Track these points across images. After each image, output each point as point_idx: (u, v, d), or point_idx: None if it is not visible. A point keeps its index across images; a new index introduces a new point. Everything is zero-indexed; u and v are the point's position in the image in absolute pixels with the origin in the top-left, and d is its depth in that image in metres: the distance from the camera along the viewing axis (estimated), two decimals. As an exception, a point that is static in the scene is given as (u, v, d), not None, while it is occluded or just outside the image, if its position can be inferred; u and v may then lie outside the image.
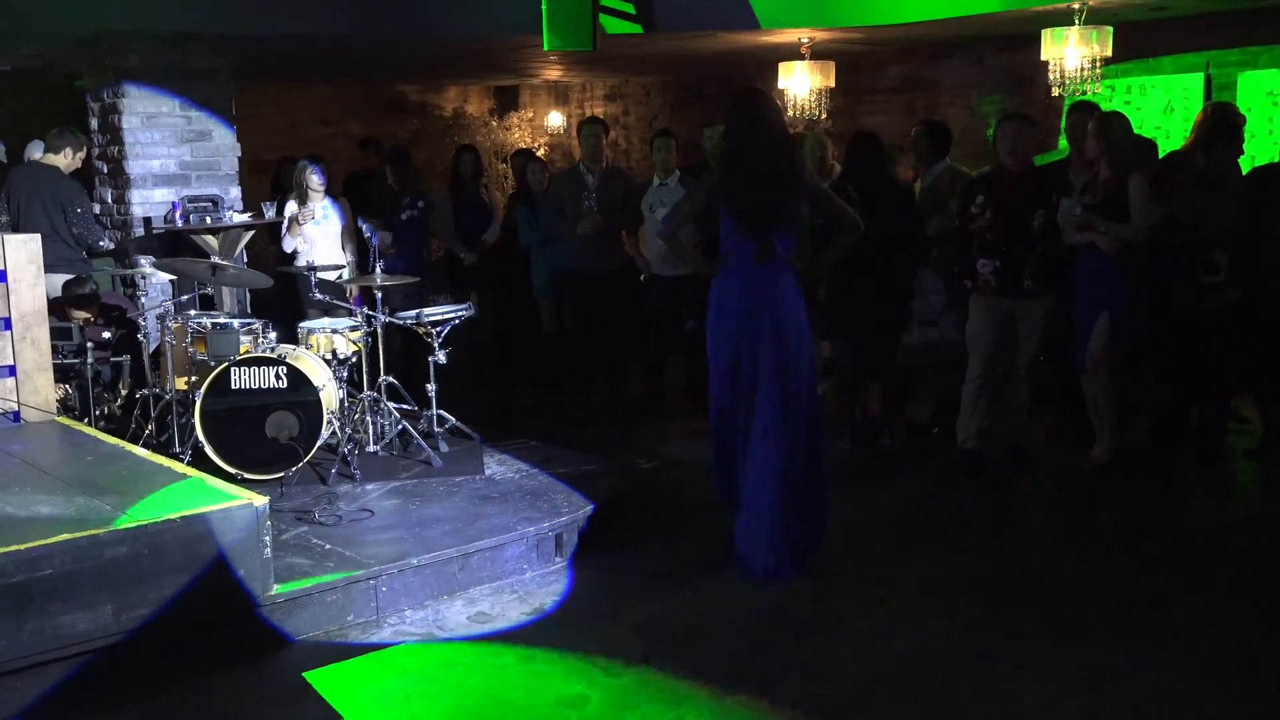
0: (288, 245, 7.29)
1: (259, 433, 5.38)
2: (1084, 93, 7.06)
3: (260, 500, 4.09)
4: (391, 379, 6.03)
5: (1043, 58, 7.21)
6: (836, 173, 6.92)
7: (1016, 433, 6.19)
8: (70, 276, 6.60)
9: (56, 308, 6.40)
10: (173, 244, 7.11)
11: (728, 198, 4.75)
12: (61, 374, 5.88)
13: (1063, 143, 7.49)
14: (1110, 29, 7.08)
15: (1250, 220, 5.73)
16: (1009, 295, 5.90)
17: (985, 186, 5.95)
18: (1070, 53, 7.07)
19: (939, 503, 5.62)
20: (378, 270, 5.98)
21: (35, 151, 7.65)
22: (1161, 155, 6.48)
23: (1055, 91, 7.27)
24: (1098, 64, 7.09)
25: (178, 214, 7.02)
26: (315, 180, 7.24)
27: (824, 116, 8.67)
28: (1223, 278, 5.68)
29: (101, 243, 7.09)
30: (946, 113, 9.32)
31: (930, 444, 6.57)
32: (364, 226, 6.41)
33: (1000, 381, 6.08)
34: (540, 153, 12.57)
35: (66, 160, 7.15)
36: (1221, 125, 5.81)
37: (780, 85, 8.61)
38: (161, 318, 5.95)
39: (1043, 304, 5.93)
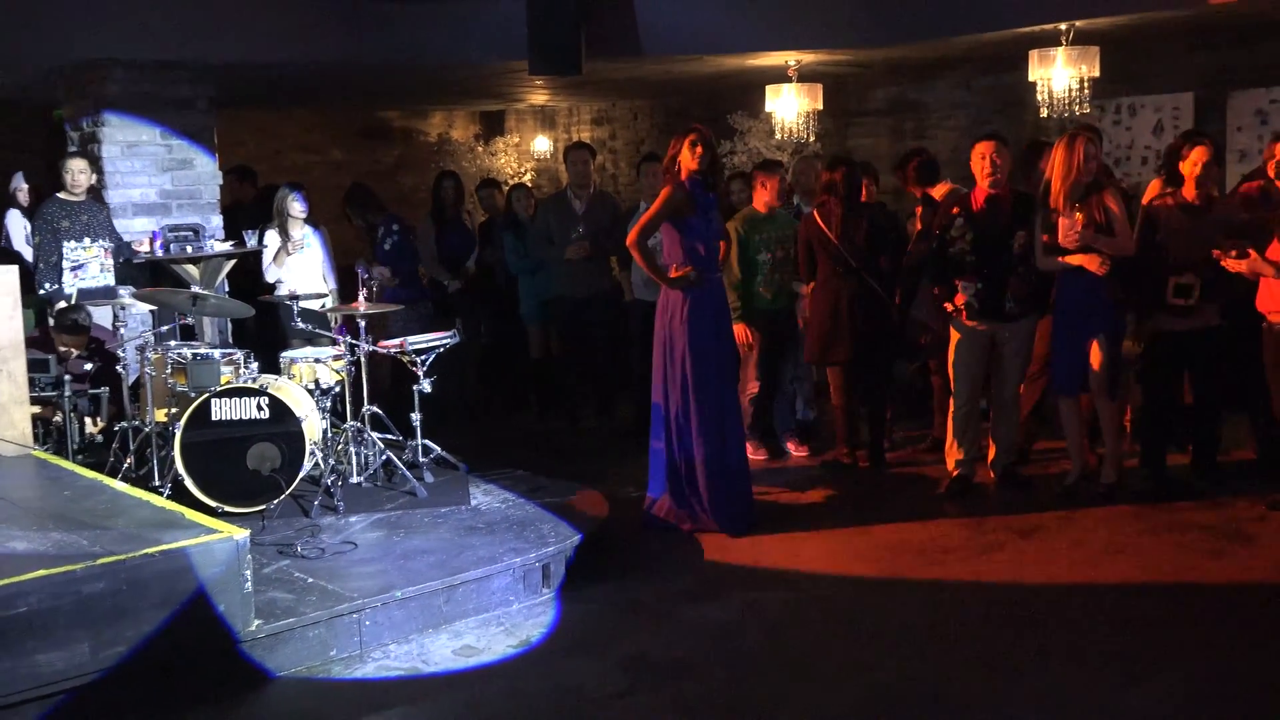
0: (271, 275, 7.30)
1: (240, 465, 5.37)
2: (1072, 114, 7.12)
3: (241, 534, 4.08)
4: (375, 409, 6.03)
5: (1030, 79, 7.28)
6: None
7: (1009, 454, 6.22)
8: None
9: (44, 336, 6.41)
10: (153, 274, 7.12)
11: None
12: (39, 406, 5.86)
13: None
14: (1097, 49, 7.15)
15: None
16: (991, 319, 5.94)
17: (964, 210, 6.00)
18: (1058, 74, 7.14)
19: (929, 530, 5.62)
20: (360, 299, 5.99)
21: (19, 183, 7.67)
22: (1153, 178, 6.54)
23: (1044, 112, 7.33)
24: (1086, 85, 7.16)
25: (157, 244, 7.02)
26: (297, 207, 7.26)
27: (812, 139, 8.73)
28: (1195, 300, 5.71)
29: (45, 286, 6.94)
30: (935, 134, 9.40)
31: (924, 470, 6.58)
32: (358, 270, 6.43)
33: (988, 406, 6.10)
34: (526, 178, 12.61)
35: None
36: (1175, 157, 5.86)
37: (768, 108, 8.67)
38: (141, 349, 5.94)
39: (1026, 326, 5.96)
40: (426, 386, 5.97)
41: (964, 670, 4.03)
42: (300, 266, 7.30)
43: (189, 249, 7.08)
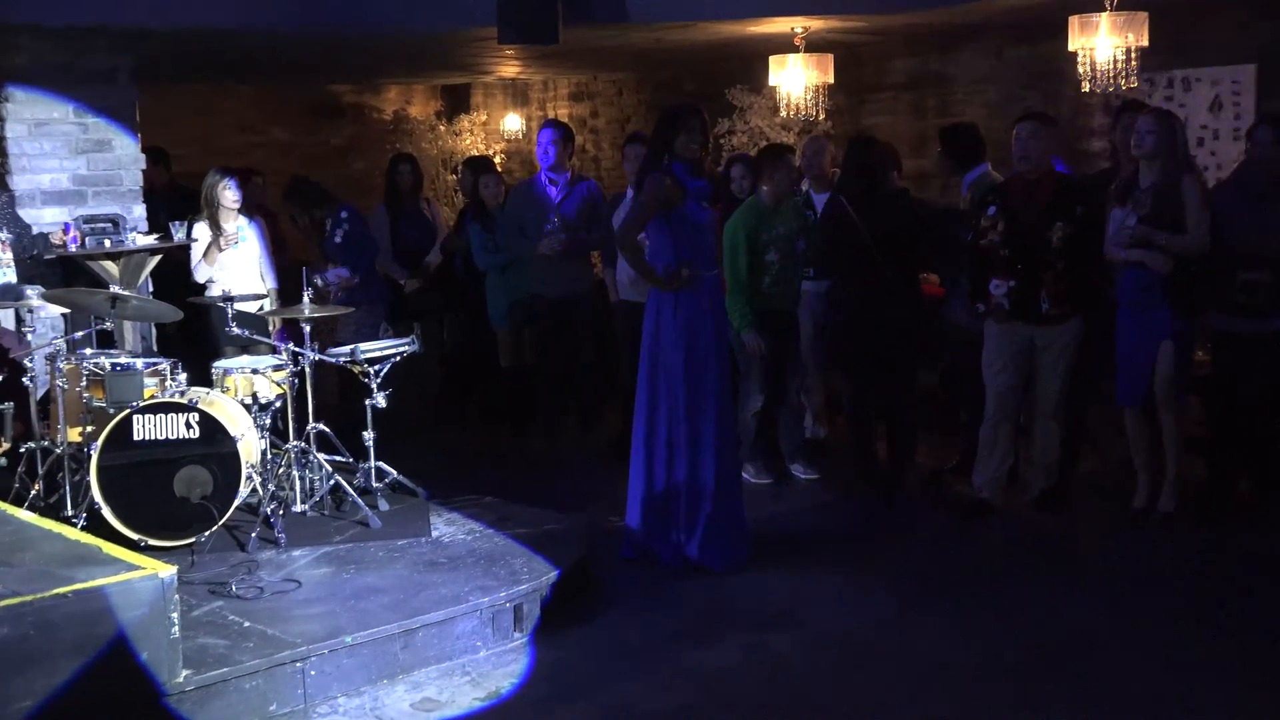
0: (201, 274, 7.28)
1: (166, 491, 5.35)
2: (1117, 88, 7.15)
3: (167, 571, 4.07)
4: (322, 426, 6.02)
5: (1070, 48, 7.30)
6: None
7: (1048, 477, 6.24)
8: None
9: None
10: (66, 272, 7.09)
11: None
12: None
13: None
14: (1145, 16, 7.18)
15: None
16: (1027, 320, 5.96)
17: (998, 197, 6.03)
18: (1102, 43, 7.16)
19: (954, 560, 5.64)
20: (305, 299, 5.99)
21: None
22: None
23: (1085, 86, 7.36)
24: (1133, 55, 7.19)
25: (70, 237, 7.00)
26: (231, 196, 7.24)
27: (822, 117, 8.76)
28: (1261, 300, 5.74)
29: None
30: (961, 112, 9.42)
31: (948, 494, 6.60)
32: (314, 277, 6.42)
33: (1022, 420, 6.12)
34: (496, 161, 12.62)
35: None
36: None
37: (771, 82, 8.69)
38: (51, 358, 5.92)
39: (1067, 330, 5.98)
40: (381, 401, 5.96)
41: (992, 716, 4.04)
42: (235, 263, 7.29)
43: (107, 243, 7.04)
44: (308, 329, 6.04)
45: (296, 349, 6.02)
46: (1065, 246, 5.89)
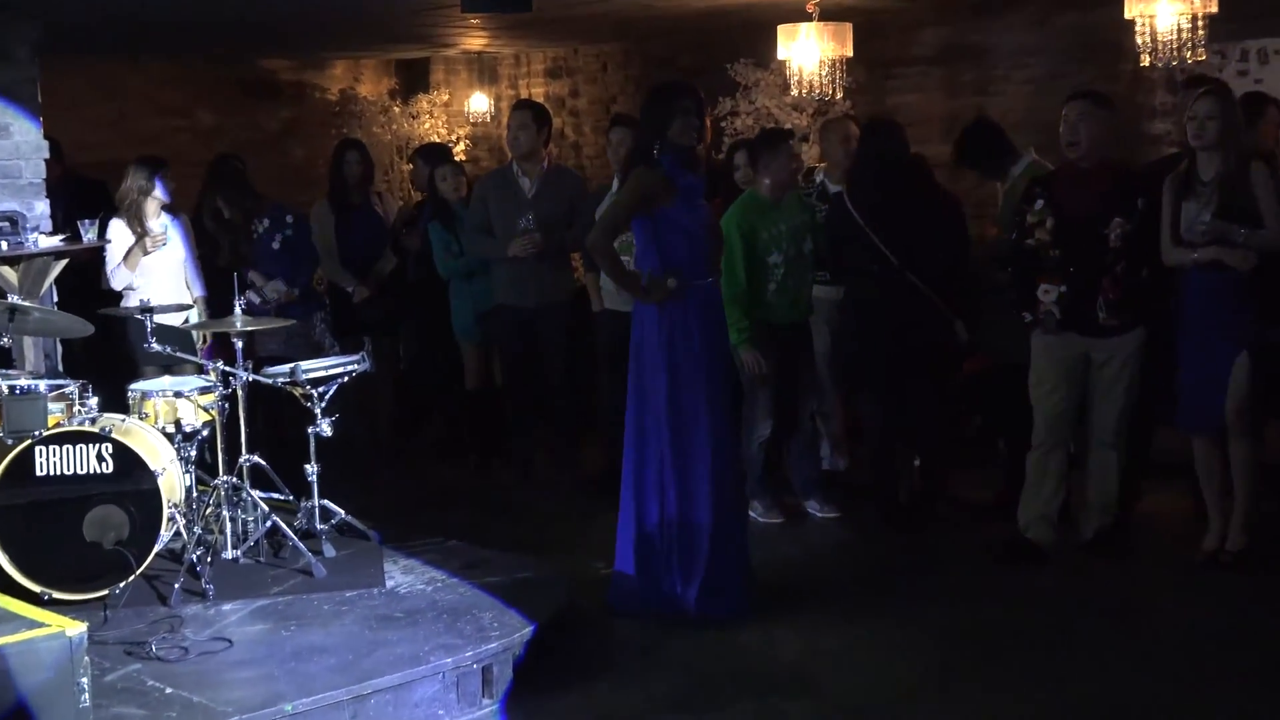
0: (118, 281, 7.27)
1: (75, 536, 5.33)
2: (1182, 62, 7.18)
3: (76, 629, 4.05)
4: (257, 459, 6.01)
5: (1127, 16, 7.34)
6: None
7: (1105, 514, 6.25)
8: None
9: None
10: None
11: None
12: None
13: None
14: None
15: None
16: (1080, 331, 5.99)
17: (1046, 188, 6.05)
18: (1163, 10, 7.20)
19: (992, 614, 5.64)
20: (237, 310, 5.99)
21: None
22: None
23: (1145, 60, 7.40)
24: (1201, 24, 7.22)
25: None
26: (154, 190, 7.26)
27: (839, 96, 8.79)
28: None
29: None
30: (1001, 89, 9.47)
31: (988, 536, 6.61)
32: (251, 285, 6.42)
33: (1074, 449, 6.13)
34: (460, 149, 12.63)
35: None
36: None
37: (780, 55, 8.72)
38: (-60, 380, 5.91)
39: (1128, 342, 6.00)
40: (326, 429, 5.96)
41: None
42: (157, 269, 7.30)
43: (4, 245, 7.04)
44: (240, 344, 6.03)
45: (227, 368, 6.01)
46: (1125, 245, 5.91)
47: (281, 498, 6.16)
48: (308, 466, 6.02)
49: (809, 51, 8.57)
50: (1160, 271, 5.99)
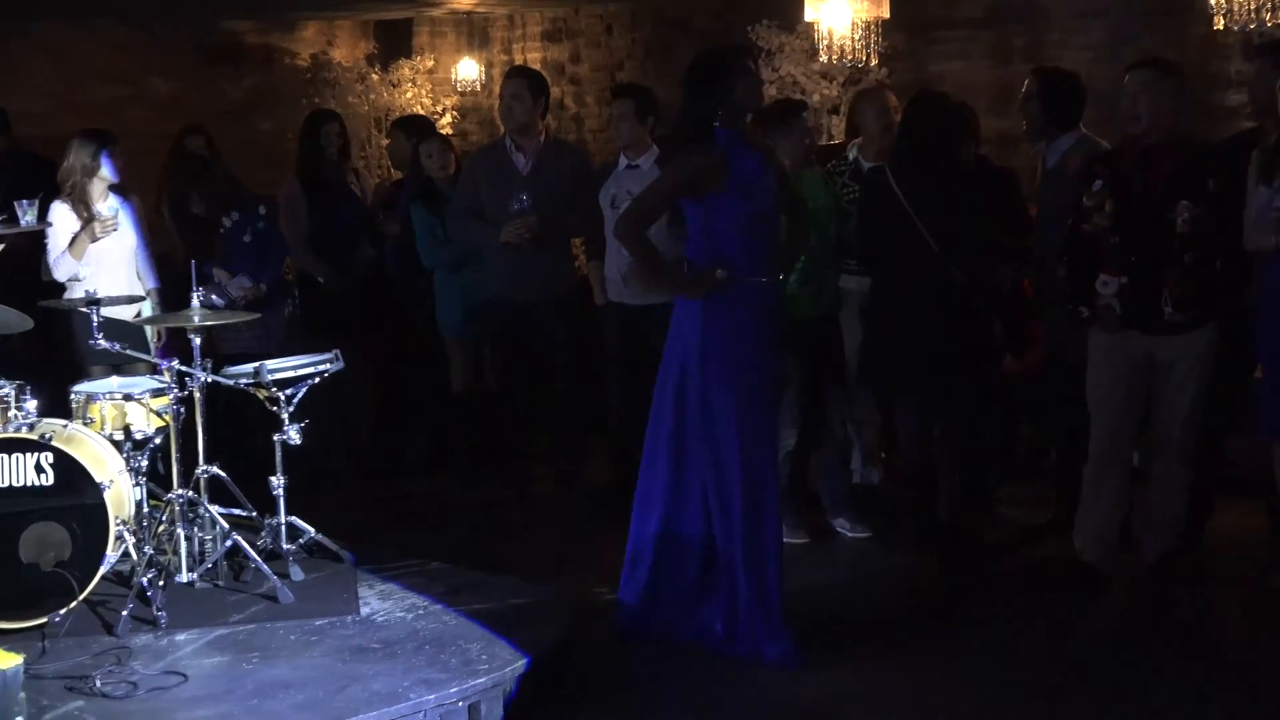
0: (61, 271, 7.27)
1: (10, 556, 5.33)
2: (1261, 25, 7.17)
3: (10, 662, 4.06)
4: (217, 470, 6.01)
5: (1200, -25, 7.34)
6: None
7: (1172, 534, 6.23)
8: None
9: None
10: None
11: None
12: None
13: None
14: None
15: None
16: (1144, 329, 5.97)
17: (1106, 168, 6.03)
18: (1239, -34, 7.20)
19: (1048, 649, 5.63)
20: (194, 302, 5.98)
21: None
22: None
23: (1219, 24, 7.39)
24: (1280, -18, 7.22)
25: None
26: (103, 169, 7.26)
27: (874, 63, 8.78)
28: None
29: None
30: (1057, 56, 9.45)
31: (1043, 556, 6.60)
32: (212, 281, 6.44)
33: (1138, 461, 6.12)
34: (446, 122, 12.62)
35: None
36: None
37: (808, 17, 8.72)
38: None
39: (1197, 341, 5.99)
40: (295, 436, 5.95)
41: None
42: (105, 257, 7.30)
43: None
44: (198, 341, 6.02)
45: (183, 368, 6.00)
46: (1194, 232, 5.89)
47: (244, 514, 6.14)
48: (273, 479, 6.01)
49: (840, 12, 8.59)
50: (1235, 261, 5.97)
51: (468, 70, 13.18)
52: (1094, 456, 6.19)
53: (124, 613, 5.42)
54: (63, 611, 5.34)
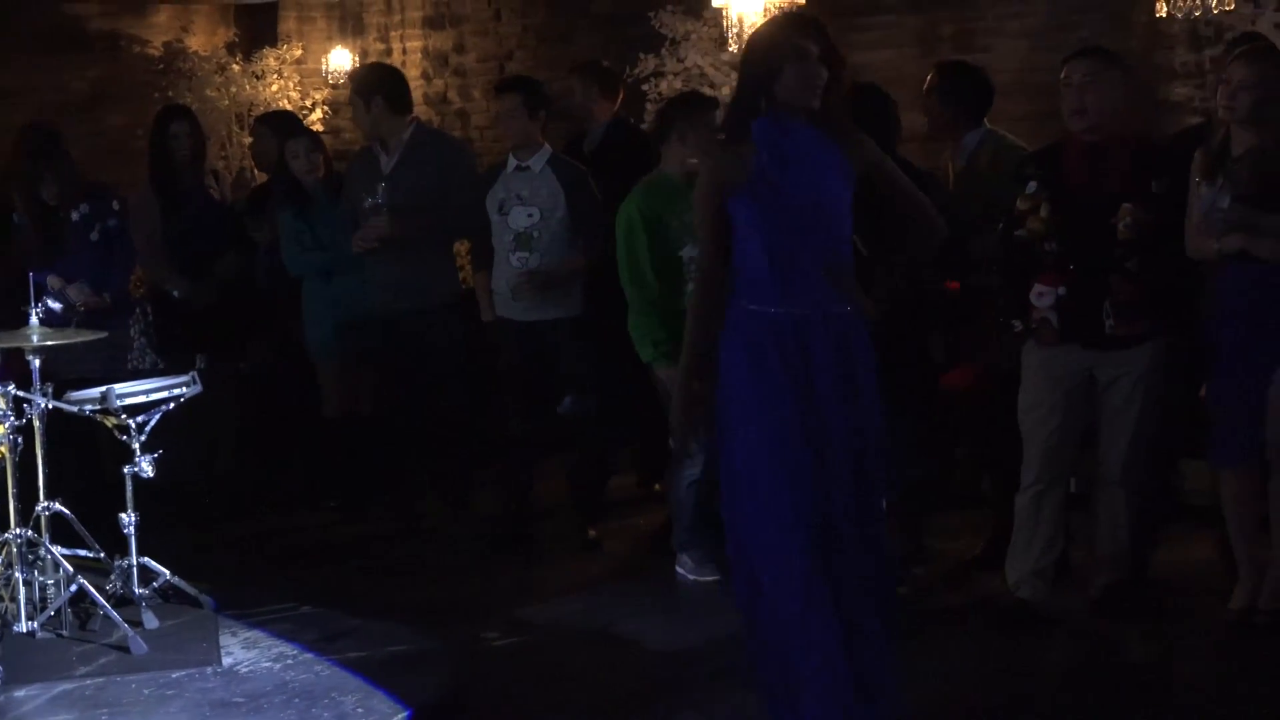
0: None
1: None
2: (1207, 11, 7.31)
3: None
4: (59, 506, 5.97)
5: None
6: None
7: (1118, 567, 6.31)
8: None
9: None
10: None
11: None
12: None
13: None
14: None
15: None
16: (1084, 343, 6.05)
17: (1041, 168, 6.11)
18: (1186, -51, 7.33)
19: (981, 694, 5.66)
20: (33, 320, 5.96)
21: None
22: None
23: (1161, 10, 7.51)
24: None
25: None
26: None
27: (789, 52, 8.84)
28: None
29: None
30: (988, 43, 9.57)
31: (973, 595, 6.67)
32: (46, 292, 6.39)
33: (1075, 487, 6.20)
34: (316, 118, 12.58)
35: None
36: None
37: (716, 3, 8.78)
38: None
39: (1142, 356, 6.06)
40: (148, 468, 5.92)
41: None
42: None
43: None
44: (37, 363, 5.98)
45: (20, 393, 5.96)
46: (1138, 237, 5.95)
47: (90, 555, 6.11)
48: (124, 516, 5.98)
49: (751, -2, 8.64)
50: (1184, 269, 6.05)
51: (340, 60, 13.11)
52: (1027, 484, 6.19)
53: (-45, 667, 5.40)
54: (-115, 666, 5.32)
